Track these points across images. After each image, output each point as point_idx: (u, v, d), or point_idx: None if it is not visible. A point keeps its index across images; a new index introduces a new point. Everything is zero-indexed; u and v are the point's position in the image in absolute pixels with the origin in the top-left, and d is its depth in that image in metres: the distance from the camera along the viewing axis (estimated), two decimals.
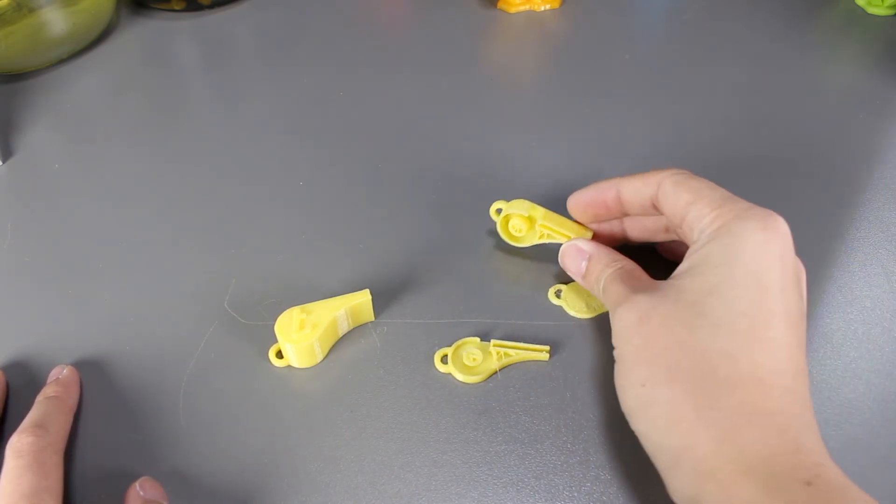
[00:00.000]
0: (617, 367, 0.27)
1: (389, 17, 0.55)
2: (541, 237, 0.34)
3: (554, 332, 0.33)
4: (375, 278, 0.35)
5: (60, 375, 0.30)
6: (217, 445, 0.29)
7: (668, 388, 0.24)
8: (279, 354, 0.32)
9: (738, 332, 0.24)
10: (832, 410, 0.30)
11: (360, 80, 0.48)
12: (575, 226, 0.33)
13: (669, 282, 0.27)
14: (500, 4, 0.54)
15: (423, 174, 0.41)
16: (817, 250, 0.36)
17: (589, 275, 0.31)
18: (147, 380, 0.31)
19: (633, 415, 0.26)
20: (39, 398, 0.29)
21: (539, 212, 0.33)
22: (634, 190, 0.30)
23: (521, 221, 0.33)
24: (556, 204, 0.34)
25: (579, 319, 0.33)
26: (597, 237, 0.33)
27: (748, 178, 0.40)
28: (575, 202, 0.33)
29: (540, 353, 0.32)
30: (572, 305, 0.34)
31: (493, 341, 0.32)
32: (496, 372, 0.31)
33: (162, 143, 0.43)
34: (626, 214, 0.32)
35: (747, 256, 0.25)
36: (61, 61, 0.50)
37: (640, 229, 0.33)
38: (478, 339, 0.32)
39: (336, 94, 0.47)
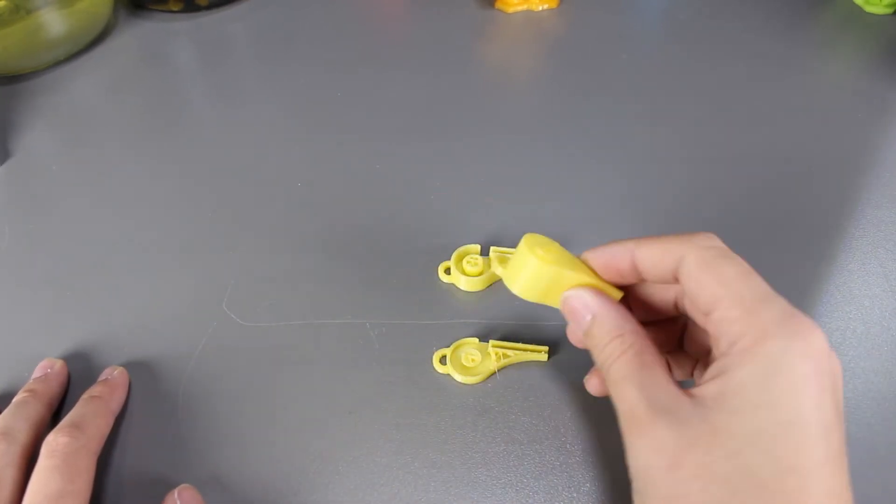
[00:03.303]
0: None
1: (387, 16, 0.55)
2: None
3: (553, 332, 0.33)
4: (375, 278, 0.35)
5: (110, 376, 0.30)
6: (215, 447, 0.29)
7: None
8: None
9: (788, 491, 0.20)
10: None
11: (358, 80, 0.48)
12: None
13: (700, 410, 0.22)
14: (497, 4, 0.54)
15: (423, 174, 0.41)
16: (816, 249, 0.36)
17: (591, 339, 0.25)
18: (145, 381, 0.31)
19: None
20: (84, 397, 0.29)
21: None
22: (652, 260, 0.25)
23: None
24: (555, 203, 0.33)
25: None
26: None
27: (747, 177, 0.40)
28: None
29: (539, 353, 0.32)
30: None
31: (491, 342, 0.32)
32: (495, 372, 0.31)
33: (160, 144, 0.43)
34: (643, 281, 0.26)
35: (795, 397, 0.21)
36: (59, 63, 0.50)
37: (645, 306, 0.28)
38: (476, 340, 0.32)
39: (334, 95, 0.47)
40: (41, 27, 0.46)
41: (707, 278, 0.23)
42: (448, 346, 0.32)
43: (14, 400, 0.29)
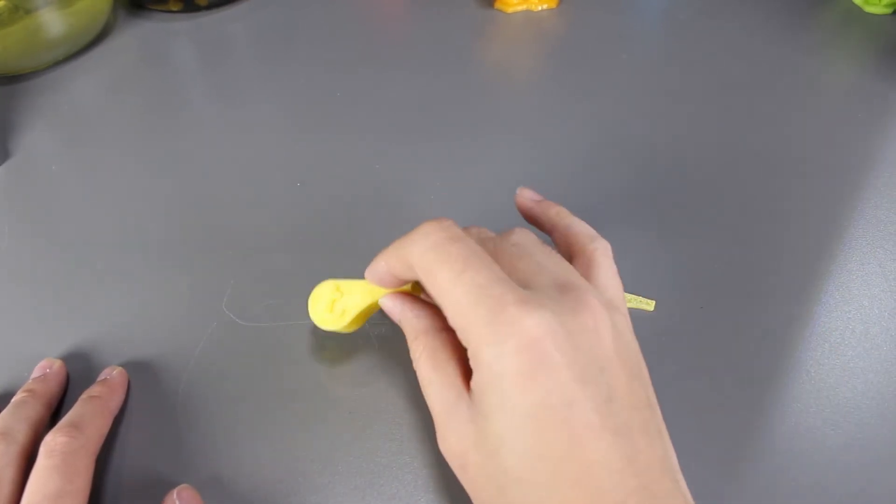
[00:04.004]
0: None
1: (386, 16, 0.55)
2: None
3: None
4: None
5: (109, 376, 0.30)
6: (214, 447, 0.29)
7: None
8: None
9: (539, 483, 0.21)
10: (831, 409, 0.30)
11: (358, 80, 0.48)
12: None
13: (472, 410, 0.23)
14: (497, 4, 0.54)
15: (423, 174, 0.41)
16: (815, 249, 0.36)
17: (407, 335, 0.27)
18: (145, 381, 0.31)
19: None
20: (83, 397, 0.29)
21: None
22: (391, 272, 0.27)
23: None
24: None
25: None
26: None
27: (746, 177, 0.40)
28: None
29: None
30: None
31: None
32: None
33: (159, 144, 0.43)
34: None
35: (517, 396, 0.22)
36: (58, 63, 0.50)
37: None
38: None
39: (334, 95, 0.47)
40: (41, 27, 0.46)
41: (429, 288, 0.24)
42: None
43: (13, 400, 0.29)
